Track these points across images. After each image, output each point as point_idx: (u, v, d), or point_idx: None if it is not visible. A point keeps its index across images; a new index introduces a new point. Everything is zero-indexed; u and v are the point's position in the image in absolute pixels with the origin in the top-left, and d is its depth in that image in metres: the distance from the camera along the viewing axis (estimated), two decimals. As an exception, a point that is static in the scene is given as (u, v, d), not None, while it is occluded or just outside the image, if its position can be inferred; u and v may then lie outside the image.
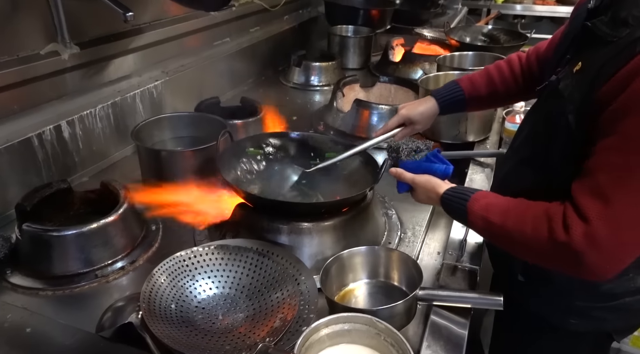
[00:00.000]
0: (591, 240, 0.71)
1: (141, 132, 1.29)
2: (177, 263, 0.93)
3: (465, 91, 1.17)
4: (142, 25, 1.52)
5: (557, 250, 0.74)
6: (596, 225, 0.71)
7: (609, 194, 0.71)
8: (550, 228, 0.74)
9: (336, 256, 0.94)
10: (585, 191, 0.73)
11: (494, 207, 0.83)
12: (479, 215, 0.84)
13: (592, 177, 0.73)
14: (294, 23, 2.53)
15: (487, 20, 3.20)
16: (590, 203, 0.72)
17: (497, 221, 0.81)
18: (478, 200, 0.85)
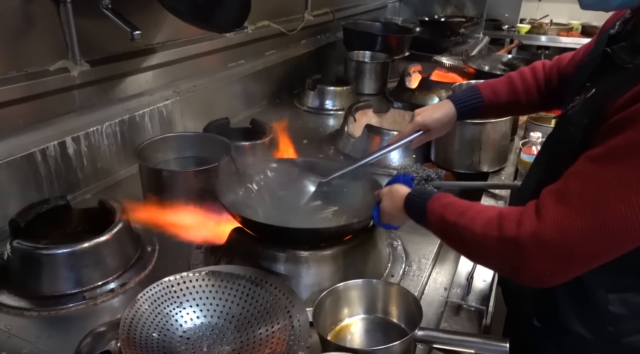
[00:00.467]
0: (538, 238, 0.67)
1: (145, 151, 1.28)
2: (165, 288, 0.89)
3: (485, 98, 1.11)
4: (155, 45, 1.53)
5: (502, 246, 0.71)
6: (548, 225, 0.67)
7: (573, 202, 0.67)
8: (500, 225, 0.71)
9: (331, 289, 0.89)
10: (552, 192, 0.71)
11: (453, 206, 0.80)
12: (437, 213, 0.81)
13: (564, 181, 0.71)
14: (311, 47, 2.54)
15: (508, 49, 3.17)
16: (551, 204, 0.69)
17: (451, 219, 0.78)
18: (439, 199, 0.83)
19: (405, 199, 0.89)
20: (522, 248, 0.68)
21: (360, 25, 2.83)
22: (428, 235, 1.22)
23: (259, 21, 2.06)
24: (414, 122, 1.12)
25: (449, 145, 1.49)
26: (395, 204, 0.92)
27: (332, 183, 1.19)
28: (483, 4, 3.84)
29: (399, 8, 4.03)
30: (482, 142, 1.44)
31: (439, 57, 2.78)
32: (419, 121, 1.11)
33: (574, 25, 5.32)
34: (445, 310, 0.93)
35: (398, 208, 0.91)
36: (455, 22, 3.46)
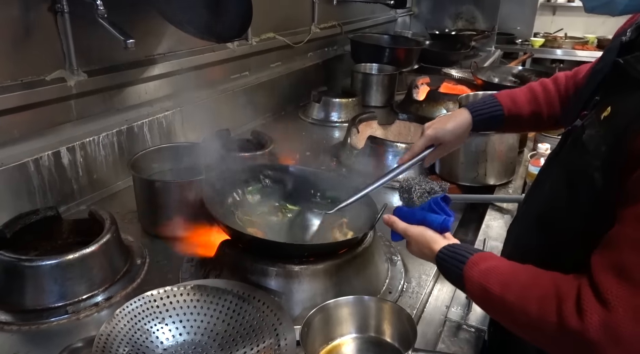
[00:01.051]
0: (611, 330, 0.56)
1: (139, 162, 1.25)
2: (146, 303, 0.85)
3: (504, 108, 1.01)
4: (155, 56, 1.53)
5: (567, 338, 0.59)
6: (619, 312, 0.56)
7: (636, 275, 0.56)
8: (560, 310, 0.60)
9: (321, 307, 0.84)
10: (607, 267, 0.59)
11: (494, 274, 0.69)
12: (476, 283, 0.69)
13: (617, 251, 0.59)
14: (318, 60, 2.52)
15: (519, 62, 3.11)
16: (613, 284, 0.57)
17: (496, 292, 0.66)
18: (477, 264, 0.71)
19: (436, 259, 0.78)
20: (592, 343, 0.57)
21: (368, 37, 2.82)
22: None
23: (264, 33, 2.05)
24: (424, 136, 1.02)
25: (453, 157, 1.43)
26: (426, 258, 0.81)
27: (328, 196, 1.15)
28: (495, 18, 3.80)
29: (409, 22, 4.02)
30: (488, 153, 1.38)
31: (448, 70, 2.73)
32: (430, 134, 1.01)
33: (589, 39, 5.24)
34: (443, 330, 0.87)
35: (429, 259, 0.81)
36: (466, 35, 3.42)
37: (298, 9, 2.34)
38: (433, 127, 1.02)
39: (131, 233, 1.21)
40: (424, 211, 0.84)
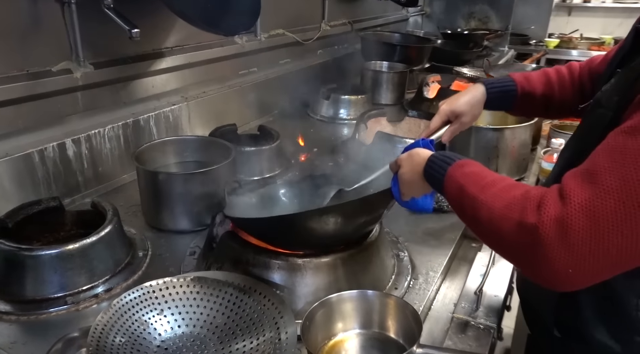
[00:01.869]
0: (562, 225, 0.56)
1: (144, 154, 1.24)
2: (145, 294, 0.83)
3: (518, 85, 1.03)
4: (163, 50, 1.52)
5: (522, 234, 0.59)
6: (574, 208, 0.57)
7: (603, 179, 0.57)
8: (523, 207, 0.60)
9: (323, 301, 0.81)
10: (577, 173, 0.61)
11: (475, 177, 0.69)
12: (455, 182, 0.70)
13: (590, 159, 0.61)
14: (327, 58, 2.50)
15: (533, 60, 3.05)
16: (576, 185, 0.59)
17: (471, 191, 0.67)
18: (462, 167, 0.72)
19: (426, 162, 0.78)
20: (542, 236, 0.57)
21: (379, 35, 2.79)
22: (438, 247, 1.15)
23: (273, 29, 2.04)
24: (439, 111, 1.01)
25: (463, 152, 1.39)
26: (415, 169, 0.81)
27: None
28: (508, 18, 3.75)
29: (421, 22, 3.98)
30: (500, 149, 1.34)
31: (459, 69, 2.69)
32: (445, 108, 1.01)
33: (606, 40, 5.14)
34: (450, 327, 0.83)
35: (418, 173, 0.80)
36: (479, 35, 3.37)
37: (308, 6, 2.33)
38: (447, 102, 1.03)
39: (134, 225, 1.20)
40: None
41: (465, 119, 1.02)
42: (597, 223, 0.56)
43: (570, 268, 0.57)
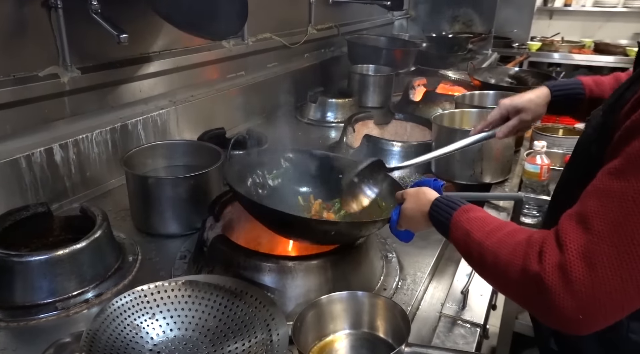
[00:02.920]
0: (564, 273, 0.57)
1: (133, 159, 1.24)
2: (137, 298, 0.84)
3: (586, 88, 0.99)
4: (150, 54, 1.52)
5: (527, 281, 0.60)
6: (572, 255, 0.57)
7: (594, 224, 0.58)
8: (526, 254, 0.61)
9: (314, 302, 0.82)
10: (572, 216, 0.61)
11: (480, 223, 0.71)
12: (461, 228, 0.72)
13: (583, 201, 0.62)
14: (314, 61, 2.52)
15: (516, 63, 3.11)
16: (571, 229, 0.59)
17: (476, 237, 0.69)
18: (467, 212, 0.74)
19: (431, 204, 0.80)
20: (547, 284, 0.58)
21: (365, 39, 2.82)
22: (425, 248, 1.17)
23: (261, 33, 2.05)
24: (499, 104, 1.00)
25: (449, 155, 1.42)
26: (420, 208, 0.83)
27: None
28: (491, 21, 3.82)
29: (406, 25, 4.03)
30: (484, 152, 1.37)
31: (444, 71, 2.73)
32: (506, 103, 0.99)
33: (586, 43, 5.26)
34: (438, 326, 0.86)
35: (422, 212, 0.82)
36: (463, 38, 3.42)
37: (295, 10, 2.34)
38: (510, 98, 1.01)
39: (124, 230, 1.20)
40: None
41: (526, 116, 0.99)
42: (595, 269, 0.56)
43: (579, 314, 0.57)
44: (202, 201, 1.17)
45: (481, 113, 1.53)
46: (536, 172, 1.35)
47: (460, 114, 1.56)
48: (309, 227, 0.95)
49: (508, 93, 1.81)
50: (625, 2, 5.17)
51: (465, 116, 1.54)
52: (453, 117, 1.55)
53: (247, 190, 1.09)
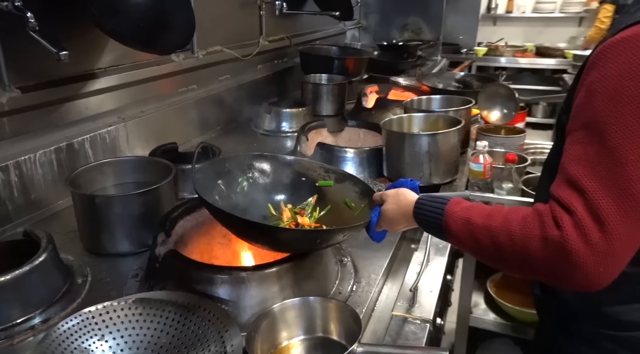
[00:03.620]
0: (582, 232, 0.64)
1: (79, 179, 1.21)
2: (84, 320, 0.82)
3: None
4: (96, 71, 1.49)
5: (550, 250, 0.66)
6: (582, 215, 0.64)
7: (583, 184, 0.66)
8: (542, 222, 0.67)
9: (267, 311, 0.83)
10: (562, 185, 0.69)
11: (476, 209, 0.75)
12: (459, 218, 0.75)
13: (563, 170, 0.70)
14: (268, 72, 2.54)
15: (461, 68, 3.25)
16: (569, 194, 0.67)
17: (480, 222, 0.72)
18: (459, 203, 0.78)
19: (415, 205, 0.84)
20: (571, 245, 0.64)
21: (317, 49, 2.87)
22: (379, 250, 1.20)
23: (211, 46, 2.05)
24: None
25: (399, 159, 1.48)
26: (401, 209, 0.87)
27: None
28: (439, 28, 3.97)
29: (358, 35, 4.12)
30: (432, 154, 1.43)
31: (396, 78, 2.82)
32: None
33: (528, 47, 5.55)
34: (390, 324, 0.88)
35: (403, 213, 0.87)
36: (412, 45, 3.54)
37: (246, 22, 2.36)
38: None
39: (72, 252, 1.16)
40: None
41: None
42: (604, 223, 0.63)
43: (601, 267, 0.64)
44: (154, 218, 1.15)
45: (427, 116, 1.59)
46: (480, 170, 1.42)
47: (408, 118, 1.61)
48: (296, 238, 0.97)
49: (455, 97, 1.90)
50: (561, 8, 5.50)
51: (412, 120, 1.60)
52: (402, 122, 1.60)
53: (214, 201, 1.08)
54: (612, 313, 0.85)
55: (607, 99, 0.67)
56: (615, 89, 0.66)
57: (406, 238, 1.31)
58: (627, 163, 0.64)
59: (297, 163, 1.20)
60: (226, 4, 2.17)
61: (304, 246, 0.98)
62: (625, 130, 0.65)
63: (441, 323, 1.03)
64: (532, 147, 1.94)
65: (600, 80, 0.68)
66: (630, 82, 0.65)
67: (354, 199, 1.11)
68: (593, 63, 0.71)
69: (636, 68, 0.65)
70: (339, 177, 1.16)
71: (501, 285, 1.69)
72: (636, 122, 0.64)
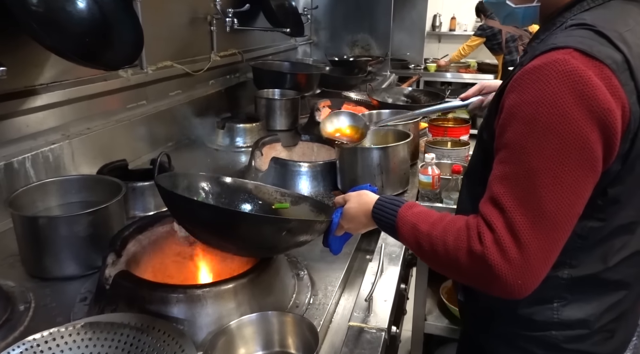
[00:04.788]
0: (500, 248, 0.70)
1: (20, 199, 1.15)
2: (28, 349, 0.77)
3: None
4: (37, 87, 1.43)
5: (474, 261, 0.72)
6: (500, 232, 0.70)
7: (503, 202, 0.72)
8: (469, 237, 0.73)
9: (223, 329, 0.82)
10: (486, 201, 0.75)
11: (424, 216, 0.82)
12: (409, 222, 0.82)
13: (490, 187, 0.75)
14: (220, 87, 2.53)
15: (409, 83, 3.38)
16: (491, 212, 0.73)
17: (424, 229, 0.79)
18: (411, 208, 0.85)
19: (374, 204, 0.90)
20: (490, 260, 0.70)
21: (269, 64, 2.89)
22: (335, 262, 1.21)
23: (161, 61, 2.02)
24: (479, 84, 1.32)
25: (352, 171, 1.51)
26: (362, 207, 0.93)
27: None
28: (387, 45, 4.11)
29: (309, 50, 4.19)
30: (383, 166, 1.47)
31: (347, 93, 2.89)
32: (483, 83, 1.31)
33: (471, 63, 5.86)
34: (347, 335, 0.90)
35: (364, 212, 0.92)
36: (362, 61, 3.65)
37: (196, 37, 2.34)
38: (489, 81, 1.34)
39: (12, 277, 1.10)
40: None
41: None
42: (519, 239, 0.70)
43: (519, 280, 0.70)
44: (103, 238, 1.11)
45: (377, 130, 1.64)
46: (429, 181, 1.48)
47: (359, 133, 1.65)
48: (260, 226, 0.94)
49: (402, 110, 1.97)
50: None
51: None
52: (353, 136, 1.64)
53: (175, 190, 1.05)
54: (526, 314, 0.90)
55: (524, 123, 0.72)
56: (531, 114, 0.71)
57: (361, 250, 1.33)
58: (540, 185, 0.70)
59: (254, 187, 1.21)
60: (175, 20, 2.15)
61: (268, 239, 0.96)
62: (539, 154, 0.70)
63: (397, 331, 1.06)
64: (476, 158, 2.04)
65: (519, 105, 0.73)
66: (544, 108, 0.70)
67: (312, 217, 1.12)
68: (512, 86, 0.75)
69: (549, 96, 0.69)
70: (295, 199, 1.17)
71: (453, 291, 1.76)
72: (549, 146, 0.69)
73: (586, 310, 0.88)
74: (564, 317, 0.88)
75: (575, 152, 0.69)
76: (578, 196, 0.72)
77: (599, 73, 0.69)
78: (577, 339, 0.89)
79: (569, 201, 0.71)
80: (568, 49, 0.71)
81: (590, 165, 0.71)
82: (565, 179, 0.70)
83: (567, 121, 0.69)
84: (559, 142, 0.69)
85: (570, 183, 0.70)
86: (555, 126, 0.69)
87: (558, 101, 0.69)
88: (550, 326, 0.89)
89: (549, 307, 0.88)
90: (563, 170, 0.69)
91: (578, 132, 0.69)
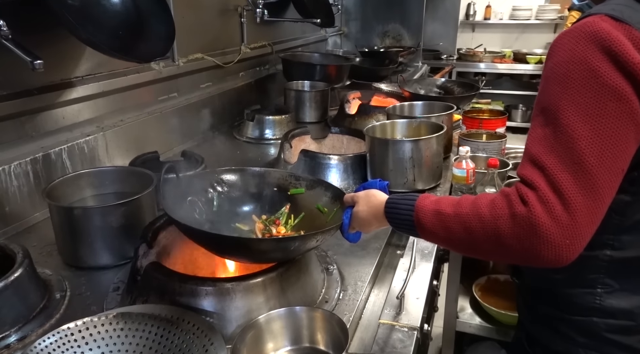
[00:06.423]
0: (545, 206, 0.68)
1: (57, 190, 1.18)
2: (62, 337, 0.79)
3: None
4: (73, 79, 1.46)
5: (518, 225, 0.69)
6: (544, 190, 0.69)
7: (543, 161, 0.70)
8: (510, 201, 0.71)
9: (252, 323, 0.82)
10: (525, 165, 0.73)
11: (444, 201, 0.79)
12: (429, 210, 0.78)
13: (526, 151, 0.74)
14: (250, 79, 2.53)
15: (442, 74, 3.29)
16: (532, 173, 0.71)
17: (449, 211, 0.76)
18: (427, 197, 0.82)
19: (386, 205, 0.88)
20: (537, 219, 0.67)
21: (299, 56, 2.87)
22: (365, 257, 1.19)
23: (192, 54, 2.03)
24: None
25: (383, 165, 1.48)
26: (372, 210, 0.90)
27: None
28: (419, 35, 4.02)
29: (339, 41, 4.15)
30: (415, 160, 1.43)
31: (377, 84, 2.84)
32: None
33: (506, 53, 5.66)
34: (377, 333, 0.87)
35: (375, 213, 0.90)
36: (393, 52, 3.58)
37: (226, 29, 2.34)
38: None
39: (50, 266, 1.13)
40: None
41: None
42: (563, 196, 0.68)
43: (567, 240, 0.67)
44: (135, 229, 1.13)
45: (410, 122, 1.60)
46: (463, 176, 1.43)
47: (391, 125, 1.62)
48: (270, 248, 0.95)
49: (436, 103, 1.91)
50: (537, 15, 5.63)
51: (395, 126, 1.61)
52: (385, 128, 1.61)
53: (185, 216, 1.06)
54: (566, 295, 0.88)
55: (557, 83, 0.72)
56: (564, 74, 0.72)
57: (392, 245, 1.30)
58: (579, 139, 0.69)
59: (267, 174, 1.20)
60: (206, 12, 2.15)
61: (279, 255, 0.96)
62: (575, 110, 0.70)
63: (428, 329, 1.03)
64: (512, 152, 1.96)
65: (552, 68, 0.74)
66: (574, 66, 0.71)
67: (326, 204, 1.10)
68: (548, 54, 0.78)
69: (579, 54, 0.71)
70: (310, 183, 1.15)
71: (486, 289, 1.71)
72: (584, 101, 0.69)
73: (632, 301, 0.84)
74: (606, 304, 0.85)
75: (612, 103, 0.69)
76: (620, 149, 0.70)
77: (627, 34, 0.70)
78: (620, 330, 0.86)
79: (611, 154, 0.69)
80: (600, 15, 0.73)
81: (629, 116, 0.70)
82: (605, 131, 0.69)
83: (599, 75, 0.69)
84: (593, 96, 0.69)
85: (609, 136, 0.69)
86: (588, 81, 0.70)
87: (587, 58, 0.70)
88: (592, 312, 0.87)
89: (591, 292, 0.86)
90: (601, 122, 0.69)
91: (611, 84, 0.69)
